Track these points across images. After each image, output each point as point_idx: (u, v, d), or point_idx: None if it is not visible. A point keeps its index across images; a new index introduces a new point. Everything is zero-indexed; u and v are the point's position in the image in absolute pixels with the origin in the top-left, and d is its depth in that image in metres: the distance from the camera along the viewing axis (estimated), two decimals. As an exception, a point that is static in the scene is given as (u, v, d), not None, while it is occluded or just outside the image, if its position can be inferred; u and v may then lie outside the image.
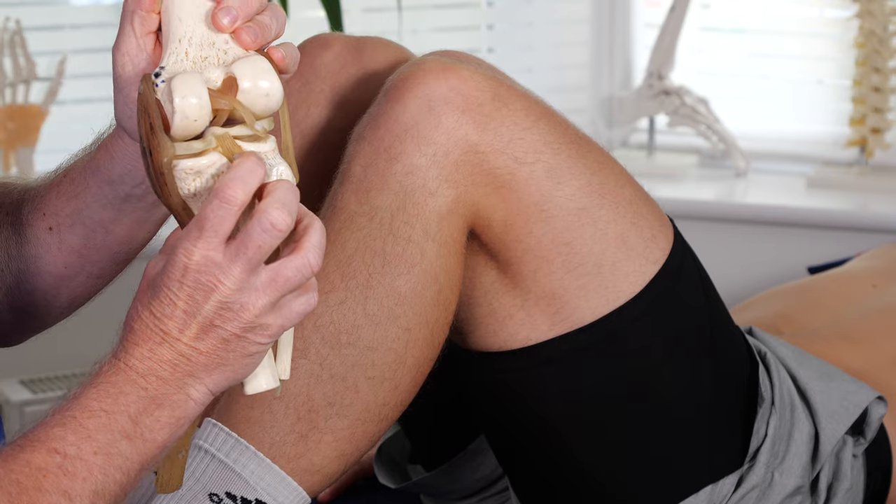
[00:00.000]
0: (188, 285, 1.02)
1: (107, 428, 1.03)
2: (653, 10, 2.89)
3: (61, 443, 1.02)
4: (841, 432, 1.54)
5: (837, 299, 1.92)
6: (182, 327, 1.04)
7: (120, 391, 1.04)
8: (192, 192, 1.07)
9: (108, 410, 1.03)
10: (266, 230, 1.01)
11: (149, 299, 1.04)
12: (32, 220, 1.27)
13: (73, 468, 1.02)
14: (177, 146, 1.06)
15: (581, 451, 1.46)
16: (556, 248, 1.40)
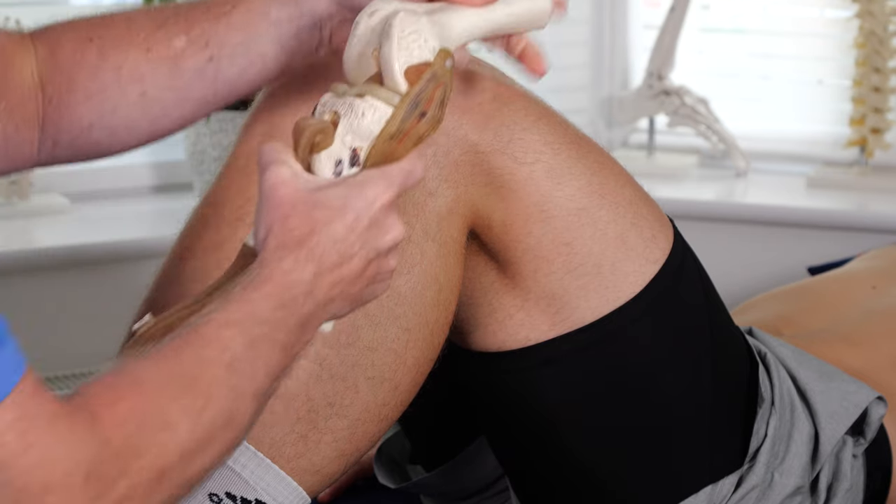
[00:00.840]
0: (365, 224, 1.13)
1: (269, 338, 1.10)
2: (652, 11, 2.89)
3: (231, 343, 1.08)
4: (841, 432, 1.54)
5: (837, 301, 1.92)
6: (353, 252, 1.13)
7: (283, 304, 1.11)
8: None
9: (272, 322, 1.10)
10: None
11: (329, 223, 1.12)
12: (190, 53, 1.34)
13: (242, 368, 1.08)
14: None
15: (581, 451, 1.46)
16: (556, 248, 1.40)
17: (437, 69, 1.19)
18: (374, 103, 1.18)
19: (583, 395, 1.44)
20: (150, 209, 2.70)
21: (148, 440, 1.02)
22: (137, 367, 1.05)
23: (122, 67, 1.35)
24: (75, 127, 1.36)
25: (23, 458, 0.97)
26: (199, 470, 1.07)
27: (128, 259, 2.48)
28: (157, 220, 2.66)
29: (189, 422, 1.05)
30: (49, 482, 0.98)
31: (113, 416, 1.02)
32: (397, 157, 1.18)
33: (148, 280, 1.55)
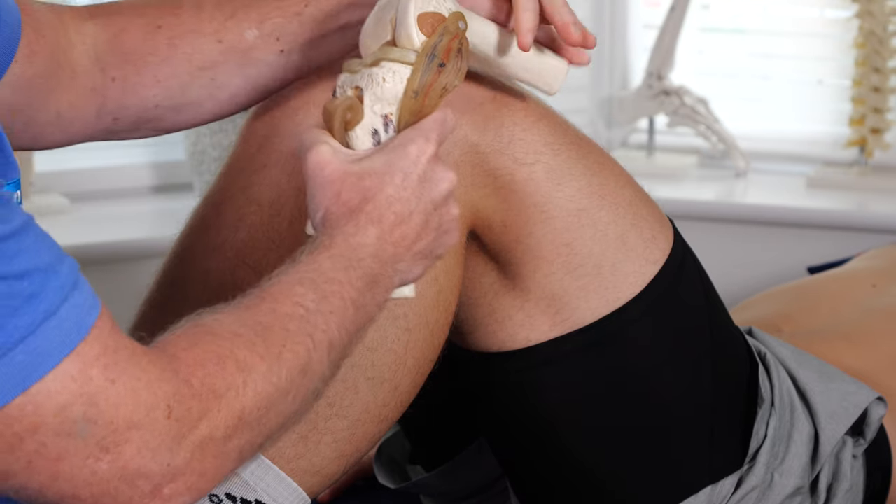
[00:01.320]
0: (415, 181, 1.16)
1: (339, 295, 1.13)
2: (652, 11, 2.89)
3: (303, 298, 1.11)
4: (841, 433, 1.54)
5: (837, 299, 1.92)
6: (411, 209, 1.16)
7: (350, 265, 1.14)
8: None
9: (342, 280, 1.13)
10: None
11: (380, 187, 1.15)
12: (261, 44, 1.38)
13: (315, 320, 1.11)
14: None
15: (581, 452, 1.46)
16: (556, 248, 1.40)
17: (449, 24, 1.22)
18: (391, 66, 1.21)
19: (583, 395, 1.44)
20: (150, 209, 2.70)
21: (226, 381, 1.04)
22: (209, 319, 1.08)
23: (193, 55, 1.39)
24: (141, 107, 1.40)
25: (108, 392, 0.99)
26: (277, 416, 1.08)
27: (128, 259, 2.48)
28: (157, 221, 2.66)
29: (265, 366, 1.06)
30: (133, 418, 0.99)
31: (191, 357, 1.04)
32: (428, 112, 1.21)
33: (148, 280, 1.55)
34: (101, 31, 1.39)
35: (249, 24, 1.38)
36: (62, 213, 2.60)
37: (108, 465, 0.99)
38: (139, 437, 0.99)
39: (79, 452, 0.99)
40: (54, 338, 0.97)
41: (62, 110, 1.37)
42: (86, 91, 1.38)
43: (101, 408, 0.98)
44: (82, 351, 0.98)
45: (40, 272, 0.97)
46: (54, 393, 0.97)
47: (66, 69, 1.37)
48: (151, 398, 1.00)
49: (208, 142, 2.57)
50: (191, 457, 1.02)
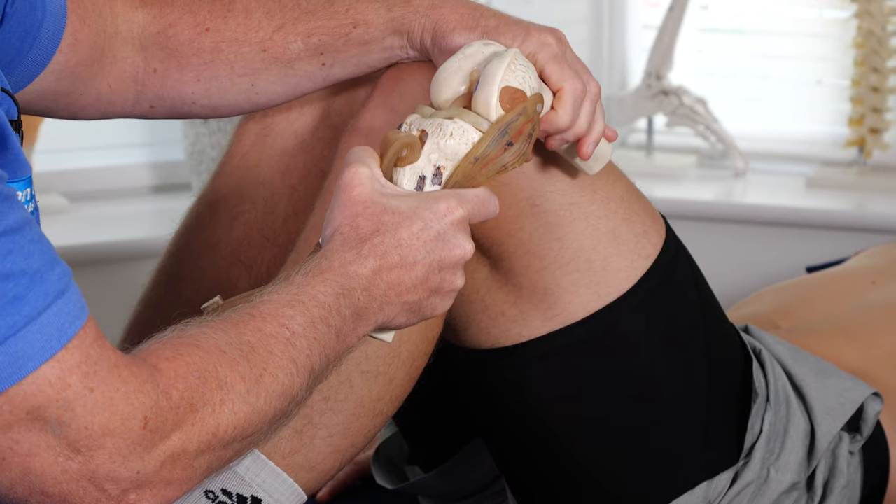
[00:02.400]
0: (432, 235, 1.17)
1: (326, 321, 1.13)
2: (651, 11, 2.89)
3: (291, 321, 1.11)
4: (836, 428, 1.54)
5: (836, 296, 1.92)
6: (416, 259, 1.17)
7: (342, 292, 1.14)
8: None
9: (331, 307, 1.14)
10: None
11: (397, 227, 1.16)
12: (305, 57, 1.41)
13: (299, 344, 1.11)
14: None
15: (575, 447, 1.46)
16: (548, 243, 1.40)
17: (528, 105, 1.23)
18: (464, 125, 1.22)
19: (576, 390, 1.44)
20: (148, 209, 2.70)
21: (204, 397, 1.05)
22: (197, 331, 1.09)
23: (235, 63, 1.40)
24: (178, 101, 1.42)
25: (85, 400, 1.00)
26: (251, 435, 1.09)
27: (127, 259, 2.48)
28: (155, 220, 2.66)
29: (245, 388, 1.07)
30: (109, 425, 1.00)
31: (173, 369, 1.04)
32: (479, 183, 1.23)
33: (145, 279, 1.56)
34: (151, 23, 1.41)
35: (296, 38, 1.40)
36: (61, 212, 2.60)
37: (79, 466, 1.01)
38: (112, 444, 1.01)
39: (50, 449, 1.00)
40: (35, 342, 0.98)
41: (102, 92, 1.40)
42: (126, 77, 1.41)
43: (76, 413, 1.00)
44: (62, 358, 0.99)
45: (27, 276, 0.98)
46: (30, 395, 0.99)
47: (108, 56, 1.39)
48: (129, 409, 1.01)
49: (207, 142, 2.57)
50: (160, 466, 1.03)
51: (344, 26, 1.39)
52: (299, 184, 1.49)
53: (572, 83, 1.29)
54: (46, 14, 1.31)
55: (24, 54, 1.31)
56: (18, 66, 1.31)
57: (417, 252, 1.17)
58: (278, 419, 1.11)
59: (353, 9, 1.39)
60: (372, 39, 1.39)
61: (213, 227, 1.49)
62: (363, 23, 1.38)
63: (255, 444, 1.11)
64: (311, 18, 1.40)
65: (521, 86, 1.24)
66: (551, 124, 1.29)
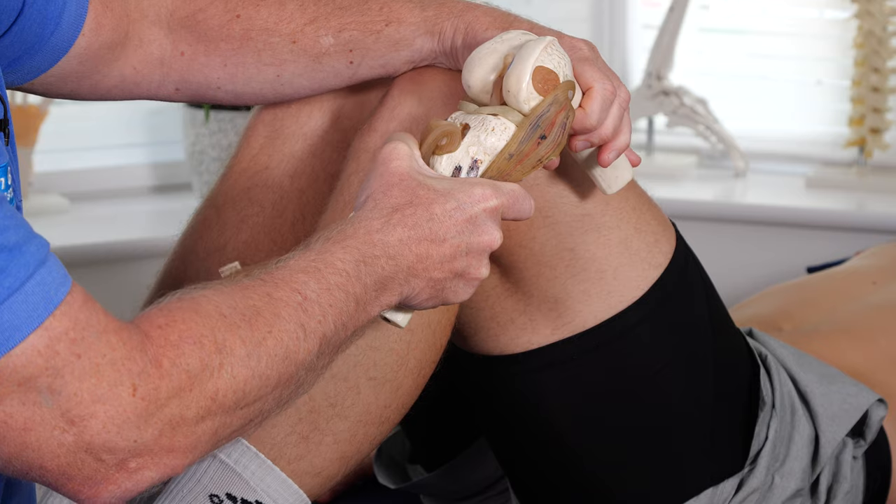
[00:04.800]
0: (464, 217, 1.16)
1: (344, 288, 1.12)
2: (651, 11, 2.89)
3: (304, 287, 1.10)
4: (841, 435, 1.54)
5: (837, 296, 1.92)
6: (446, 236, 1.16)
7: (363, 260, 1.13)
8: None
9: (350, 273, 1.13)
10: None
11: (431, 202, 1.16)
12: (334, 52, 1.41)
13: (311, 309, 1.10)
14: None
15: (582, 454, 1.46)
16: (560, 253, 1.40)
17: (560, 93, 1.23)
18: (506, 123, 1.22)
19: (584, 398, 1.44)
20: (149, 209, 2.70)
21: (201, 362, 1.04)
22: (199, 295, 1.08)
23: (263, 51, 1.41)
24: (203, 84, 1.43)
25: (73, 366, 1.00)
26: (256, 401, 1.08)
27: (127, 259, 2.48)
28: (156, 221, 2.66)
29: (244, 351, 1.06)
30: (97, 392, 1.00)
31: (164, 336, 1.04)
32: (516, 178, 1.23)
33: (147, 280, 1.55)
34: (181, 6, 1.42)
35: (327, 32, 1.40)
36: (62, 213, 2.60)
37: (75, 438, 1.01)
38: (104, 412, 1.00)
39: (45, 423, 1.00)
40: (21, 312, 0.98)
41: (126, 74, 1.41)
42: (152, 59, 1.41)
43: (65, 380, 1.00)
44: (50, 325, 0.99)
45: (6, 250, 0.99)
46: (20, 366, 0.99)
47: (133, 39, 1.39)
48: (115, 375, 1.01)
49: (207, 142, 2.57)
50: (159, 434, 1.03)
51: (376, 23, 1.39)
52: (308, 187, 1.48)
53: (602, 83, 1.28)
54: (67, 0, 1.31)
55: (45, 40, 1.31)
56: (39, 51, 1.32)
57: (448, 230, 1.16)
58: (286, 385, 1.10)
59: (387, 6, 1.39)
60: (403, 38, 1.39)
61: (221, 230, 1.49)
62: (396, 21, 1.38)
63: (265, 412, 1.10)
64: (344, 14, 1.40)
65: (555, 69, 1.23)
66: (578, 122, 1.28)
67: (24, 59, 1.32)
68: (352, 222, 1.15)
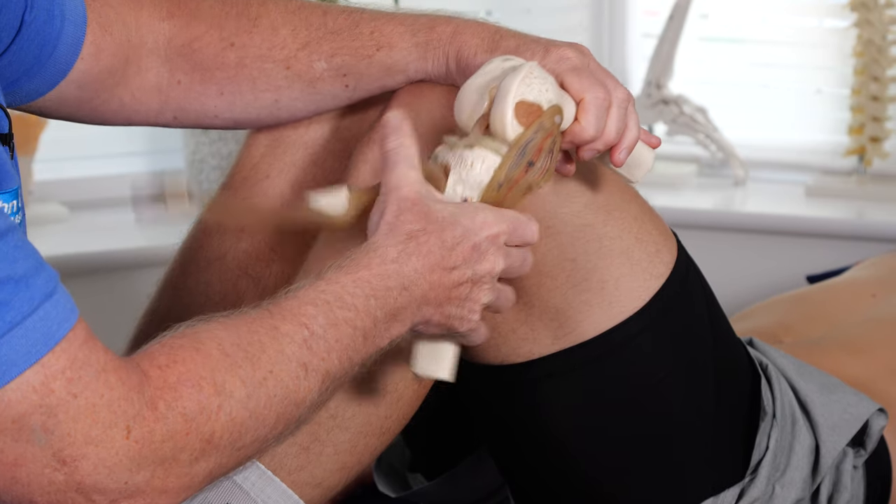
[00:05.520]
0: (469, 245, 1.17)
1: (352, 323, 1.11)
2: (651, 20, 2.89)
3: (312, 321, 1.10)
4: (842, 445, 1.54)
5: (837, 309, 1.92)
6: (455, 264, 1.16)
7: (374, 294, 1.13)
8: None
9: (359, 308, 1.12)
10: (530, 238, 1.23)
11: (442, 229, 1.16)
12: (328, 77, 1.41)
13: (317, 346, 1.09)
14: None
15: (583, 464, 1.46)
16: (561, 263, 1.40)
17: (545, 120, 1.22)
18: (483, 153, 1.21)
19: (585, 408, 1.44)
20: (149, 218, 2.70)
21: (199, 405, 1.04)
22: (202, 331, 1.07)
23: (258, 79, 1.41)
24: (201, 113, 1.43)
25: (68, 406, 0.99)
26: (253, 442, 1.08)
27: (126, 268, 2.48)
28: (155, 230, 2.66)
29: (244, 392, 1.06)
30: (91, 433, 1.00)
31: (163, 378, 1.03)
32: (508, 206, 1.23)
33: (147, 289, 1.55)
34: (177, 35, 1.41)
35: (319, 57, 1.40)
36: (61, 221, 2.60)
37: (65, 477, 1.00)
38: (95, 454, 1.00)
39: (36, 460, 1.00)
40: (20, 347, 0.98)
41: (125, 101, 1.41)
42: (150, 87, 1.41)
43: (59, 419, 0.99)
44: (47, 363, 0.99)
45: (12, 282, 0.98)
46: (14, 402, 0.98)
47: (132, 65, 1.39)
48: (110, 417, 1.00)
49: (207, 150, 2.57)
50: (151, 476, 1.02)
51: (367, 48, 1.39)
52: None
53: (593, 92, 1.28)
54: (66, 22, 1.31)
55: (43, 62, 1.31)
56: (38, 73, 1.32)
57: (457, 258, 1.17)
58: (285, 424, 1.10)
59: (378, 31, 1.39)
60: (395, 64, 1.39)
61: (221, 239, 1.49)
62: (387, 45, 1.38)
63: (262, 449, 1.10)
64: (335, 38, 1.40)
65: (536, 99, 1.23)
66: (577, 136, 1.28)
67: (24, 81, 1.32)
68: (365, 250, 1.14)
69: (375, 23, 1.40)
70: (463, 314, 1.19)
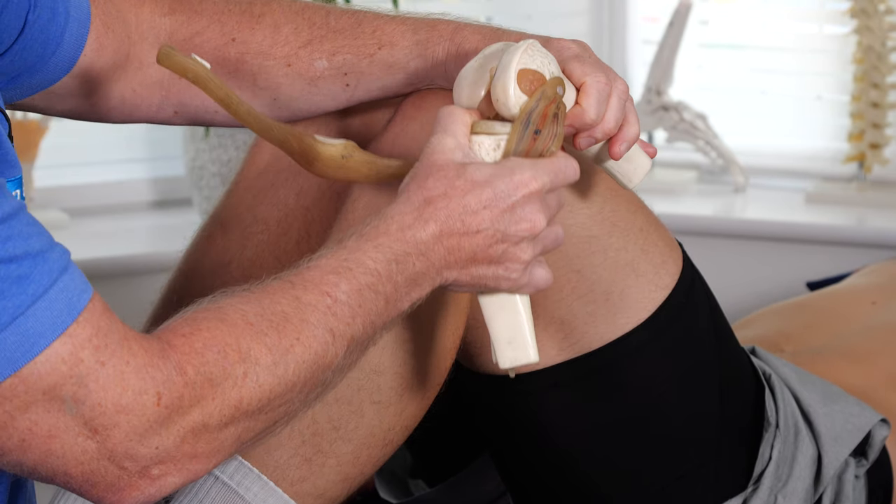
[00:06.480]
0: (502, 207, 1.16)
1: (374, 288, 1.12)
2: (651, 26, 2.89)
3: (334, 288, 1.10)
4: (844, 455, 1.54)
5: (837, 317, 1.92)
6: (479, 227, 1.16)
7: (395, 259, 1.13)
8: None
9: (381, 273, 1.13)
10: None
11: (465, 193, 1.15)
12: (329, 75, 1.40)
13: (341, 312, 1.10)
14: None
15: (586, 474, 1.46)
16: (566, 275, 1.40)
17: (547, 88, 1.21)
18: (477, 139, 1.21)
19: (589, 418, 1.44)
20: (149, 225, 2.70)
21: (224, 371, 1.05)
22: (225, 303, 1.08)
23: (258, 75, 1.41)
24: (201, 109, 1.43)
25: (98, 374, 1.00)
26: (281, 406, 1.09)
27: (127, 274, 2.48)
28: (156, 236, 2.66)
29: (271, 359, 1.07)
30: (122, 401, 1.01)
31: (188, 344, 1.04)
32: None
33: (148, 296, 1.55)
34: (179, 30, 1.41)
35: (321, 55, 1.40)
36: (61, 228, 2.60)
37: (98, 445, 1.01)
38: (127, 422, 1.01)
39: (69, 431, 1.01)
40: (45, 319, 0.99)
41: (126, 96, 1.41)
42: (151, 83, 1.41)
43: (90, 388, 1.00)
44: (74, 332, 1.00)
45: (30, 257, 0.99)
46: (45, 374, 0.99)
47: (133, 61, 1.40)
48: (140, 384, 1.01)
49: (207, 157, 2.57)
50: (181, 441, 1.04)
51: (369, 46, 1.39)
52: (313, 205, 1.48)
53: (595, 76, 1.28)
54: (70, 20, 1.32)
55: (46, 59, 1.31)
56: (41, 69, 1.32)
57: (482, 221, 1.16)
58: (312, 388, 1.11)
59: (379, 30, 1.39)
60: (397, 62, 1.39)
61: (226, 247, 1.49)
62: (388, 44, 1.38)
63: (291, 413, 1.11)
64: (337, 37, 1.40)
65: (538, 68, 1.22)
66: (577, 119, 1.27)
67: (25, 77, 1.32)
68: (384, 217, 1.15)
69: (378, 22, 1.40)
70: (499, 273, 1.18)
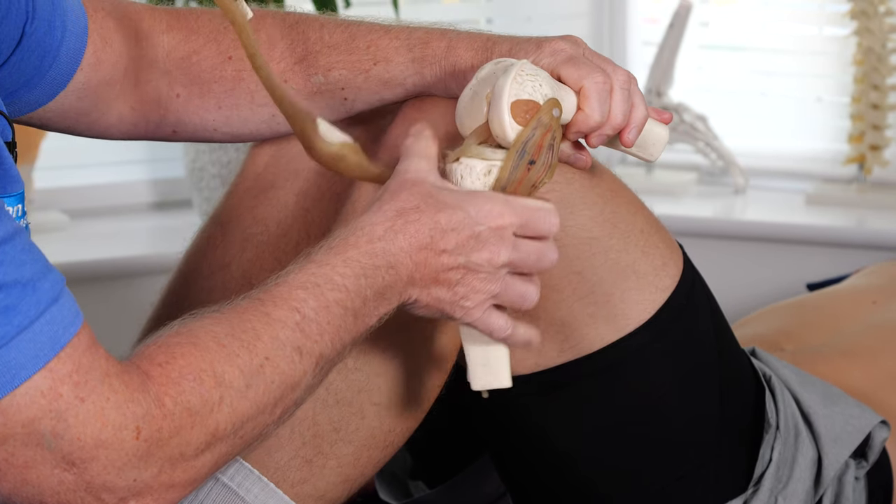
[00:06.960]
0: (468, 233, 1.15)
1: (343, 304, 1.12)
2: (651, 27, 2.89)
3: (303, 305, 1.10)
4: (844, 457, 1.54)
5: (838, 316, 1.92)
6: (446, 248, 1.15)
7: (364, 274, 1.13)
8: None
9: (349, 289, 1.12)
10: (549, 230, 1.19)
11: (437, 210, 1.15)
12: (326, 90, 1.40)
13: (309, 329, 1.10)
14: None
15: (586, 476, 1.46)
16: (567, 276, 1.40)
17: (543, 115, 1.21)
18: (469, 163, 1.21)
19: (590, 420, 1.44)
20: (149, 226, 2.70)
21: (202, 398, 1.05)
22: (196, 326, 1.08)
23: (256, 92, 1.41)
24: (200, 126, 1.43)
25: (77, 410, 1.00)
26: (254, 428, 1.09)
27: (127, 276, 2.48)
28: (156, 237, 2.66)
29: (244, 382, 1.07)
30: (101, 436, 1.01)
31: (165, 375, 1.04)
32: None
33: (148, 297, 1.55)
34: (176, 48, 1.41)
35: (317, 71, 1.40)
36: (61, 229, 2.60)
37: (75, 477, 1.01)
38: (105, 456, 1.01)
39: (46, 463, 1.01)
40: (28, 352, 0.99)
41: (124, 114, 1.41)
42: (150, 100, 1.41)
43: (69, 423, 1.00)
44: (54, 367, 1.00)
45: (19, 285, 0.99)
46: (24, 406, 0.99)
47: (130, 78, 1.39)
48: (120, 419, 1.01)
49: (207, 159, 2.57)
50: (158, 472, 1.04)
51: (364, 62, 1.39)
52: (313, 207, 1.48)
53: (592, 78, 1.27)
54: (67, 33, 1.31)
55: (43, 73, 1.31)
56: (38, 84, 1.32)
57: (449, 241, 1.15)
58: (283, 409, 1.11)
59: (374, 45, 1.38)
60: (393, 78, 1.39)
61: (225, 248, 1.49)
62: (383, 60, 1.38)
63: (263, 434, 1.11)
64: (332, 52, 1.40)
65: (531, 96, 1.22)
66: (583, 124, 1.27)
67: (23, 92, 1.32)
68: (353, 228, 1.14)
69: (372, 36, 1.39)
70: (455, 300, 1.17)
